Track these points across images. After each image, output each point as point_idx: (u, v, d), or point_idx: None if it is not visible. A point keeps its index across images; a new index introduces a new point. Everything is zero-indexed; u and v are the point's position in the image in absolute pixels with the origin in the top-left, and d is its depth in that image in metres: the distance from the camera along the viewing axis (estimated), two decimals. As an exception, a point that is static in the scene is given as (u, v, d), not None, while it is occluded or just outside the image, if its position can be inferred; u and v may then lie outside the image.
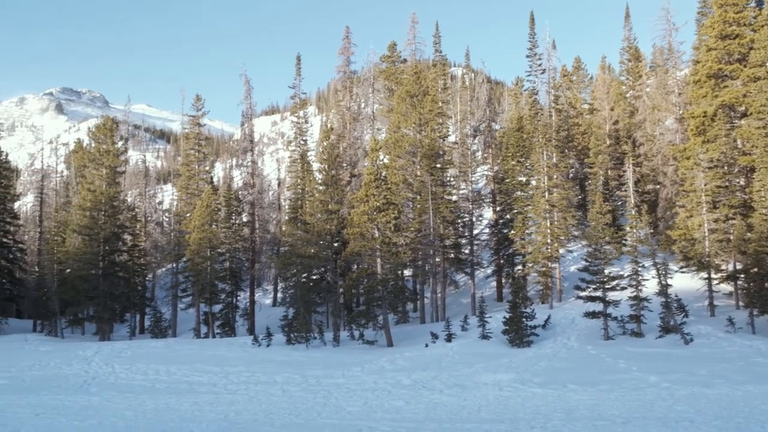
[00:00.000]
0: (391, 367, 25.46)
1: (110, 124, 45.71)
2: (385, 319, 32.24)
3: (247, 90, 48.47)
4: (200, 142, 47.34)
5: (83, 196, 43.73)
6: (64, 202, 57.55)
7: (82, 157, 55.26)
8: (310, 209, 39.24)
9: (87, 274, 41.90)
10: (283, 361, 27.44)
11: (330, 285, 38.70)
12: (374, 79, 51.81)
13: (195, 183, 46.23)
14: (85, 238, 42.77)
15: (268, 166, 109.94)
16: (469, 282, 42.60)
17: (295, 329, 32.90)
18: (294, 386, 22.43)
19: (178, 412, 18.31)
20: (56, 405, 20.18)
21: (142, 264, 49.19)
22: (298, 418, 16.98)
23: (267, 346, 31.61)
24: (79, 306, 43.56)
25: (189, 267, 42.20)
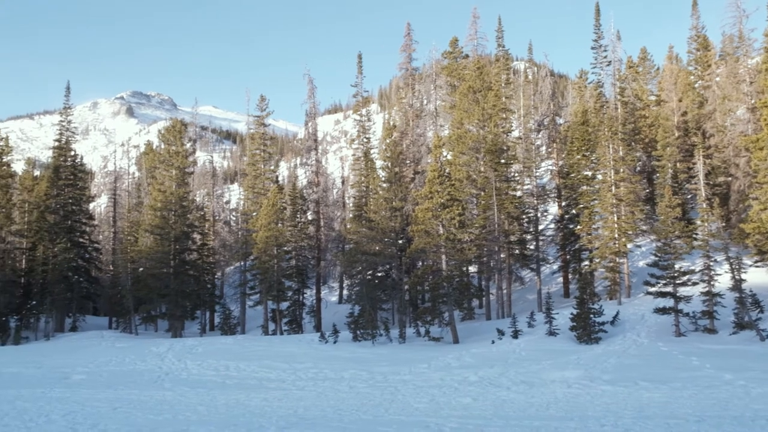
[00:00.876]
0: (457, 363, 25.44)
1: (179, 126, 46.83)
2: (450, 316, 32.22)
3: (310, 89, 49.02)
4: (265, 142, 48.09)
5: (154, 197, 44.95)
6: (136, 203, 59.26)
7: (152, 158, 56.79)
8: (375, 207, 39.45)
9: (159, 273, 43.06)
10: (350, 358, 27.68)
11: (395, 282, 38.86)
12: (436, 75, 51.67)
13: (261, 182, 46.98)
14: (156, 238, 43.97)
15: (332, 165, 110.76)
16: (535, 278, 42.19)
17: (361, 326, 33.16)
18: (361, 383, 22.62)
19: (248, 408, 18.68)
20: (132, 399, 20.83)
21: (211, 262, 50.26)
22: (365, 414, 17.13)
23: (334, 342, 31.94)
24: (151, 303, 44.83)
25: (256, 265, 42.92)
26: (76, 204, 51.24)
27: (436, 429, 14.88)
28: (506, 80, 54.15)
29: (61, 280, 46.10)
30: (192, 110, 61.65)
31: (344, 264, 43.95)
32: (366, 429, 15.20)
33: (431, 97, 52.12)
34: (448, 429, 14.86)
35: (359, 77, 50.61)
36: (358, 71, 50.59)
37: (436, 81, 51.64)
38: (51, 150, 54.52)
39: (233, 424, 16.16)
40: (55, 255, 45.97)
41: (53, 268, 45.88)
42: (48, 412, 18.84)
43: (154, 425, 16.39)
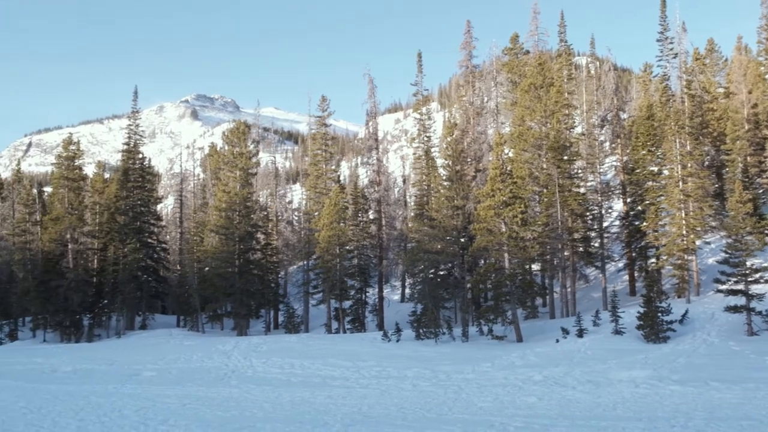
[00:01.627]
0: (521, 362, 25.23)
1: (243, 128, 47.59)
2: (513, 315, 31.96)
3: (370, 89, 49.19)
4: (327, 142, 48.49)
5: (219, 198, 45.79)
6: (201, 204, 60.44)
7: (217, 160, 57.86)
8: (436, 205, 39.40)
9: (224, 272, 43.84)
10: (413, 356, 27.71)
11: (457, 280, 38.74)
12: (497, 72, 51.30)
13: (323, 182, 47.39)
14: (221, 238, 44.78)
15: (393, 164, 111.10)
16: (600, 276, 41.49)
17: (424, 324, 33.15)
18: (424, 381, 22.64)
19: (313, 405, 18.90)
20: (200, 396, 21.32)
21: (274, 262, 50.92)
22: (429, 412, 17.15)
23: (396, 341, 32.01)
24: (217, 302, 45.72)
25: (319, 264, 43.31)
26: (144, 205, 52.57)
27: (501, 428, 14.81)
28: (568, 75, 53.34)
29: (131, 279, 47.38)
30: (254, 112, 62.58)
31: (406, 263, 44.02)
32: (430, 427, 15.23)
33: (492, 95, 51.75)
34: (513, 428, 14.77)
35: (419, 76, 50.59)
36: (418, 70, 50.58)
37: (496, 78, 51.26)
38: (120, 153, 56.08)
39: (298, 422, 16.39)
40: (125, 255, 47.25)
41: (123, 267, 47.18)
42: (120, 407, 19.44)
43: (222, 421, 16.74)
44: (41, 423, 17.35)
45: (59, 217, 48.74)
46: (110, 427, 16.59)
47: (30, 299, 48.76)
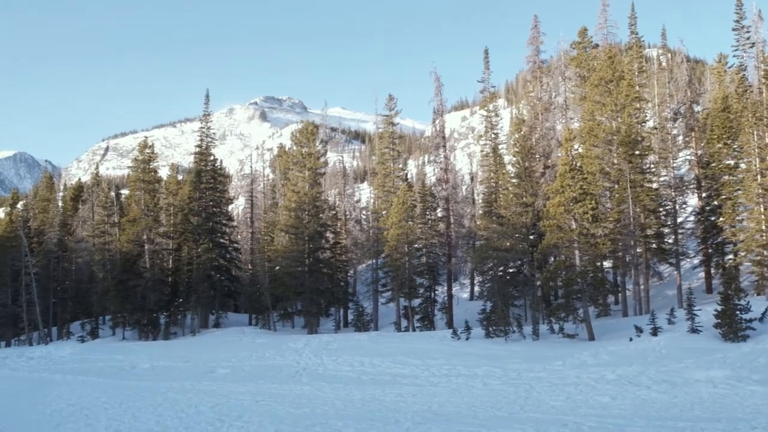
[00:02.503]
0: (593, 361, 24.82)
1: (311, 128, 48.15)
2: (585, 312, 31.47)
3: (437, 87, 49.14)
4: (394, 141, 48.65)
5: (288, 198, 46.47)
6: (271, 204, 61.40)
7: (285, 160, 58.67)
8: (504, 202, 39.11)
9: (294, 271, 44.47)
10: (483, 354, 27.58)
11: (527, 278, 38.38)
12: (565, 67, 50.55)
13: (391, 181, 47.57)
14: (291, 237, 45.43)
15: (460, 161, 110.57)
16: (674, 273, 40.48)
17: (494, 323, 32.95)
18: (495, 379, 22.50)
19: (383, 403, 19.01)
20: (273, 393, 21.67)
21: (343, 260, 51.37)
22: (500, 411, 17.06)
23: (466, 339, 31.92)
24: (288, 301, 46.39)
25: (388, 263, 43.51)
26: (216, 206, 53.70)
27: (575, 428, 14.62)
28: (639, 68, 52.14)
29: (204, 278, 48.48)
30: (322, 112, 63.20)
31: (475, 260, 43.86)
32: (502, 426, 15.14)
33: (560, 90, 51.03)
34: (586, 428, 14.57)
35: (486, 73, 50.29)
36: (485, 67, 50.28)
37: (564, 73, 50.51)
38: (192, 155, 57.42)
39: (369, 419, 16.51)
40: (199, 255, 48.37)
41: (197, 267, 48.30)
42: (197, 403, 19.95)
43: (295, 418, 16.99)
44: (122, 418, 17.95)
45: (136, 219, 50.25)
46: (187, 422, 17.04)
47: (109, 298, 50.47)
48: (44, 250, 59.85)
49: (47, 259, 59.09)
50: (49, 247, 60.22)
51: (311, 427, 15.69)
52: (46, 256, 59.18)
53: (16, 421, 18.20)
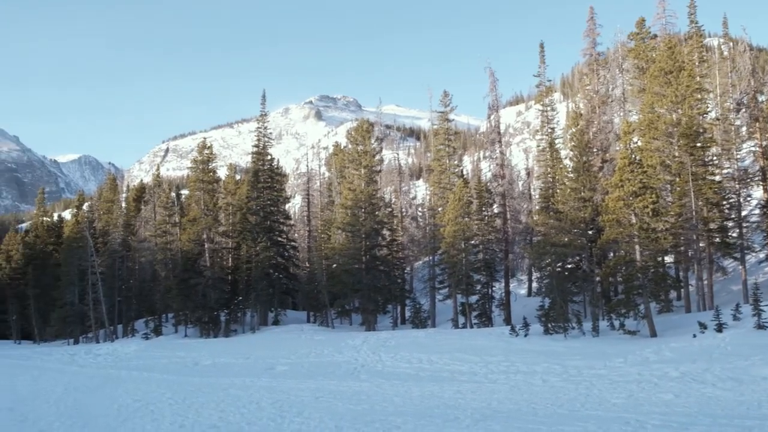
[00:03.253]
0: (655, 358, 24.37)
1: (366, 126, 48.36)
2: (646, 308, 30.90)
3: (492, 82, 48.82)
4: (449, 137, 48.52)
5: (345, 196, 46.76)
6: (327, 202, 61.88)
7: (341, 158, 59.05)
8: (562, 197, 38.66)
9: (351, 268, 44.73)
10: (542, 351, 27.35)
11: (586, 273, 37.87)
12: (622, 58, 49.62)
13: (446, 177, 47.46)
14: (348, 235, 45.71)
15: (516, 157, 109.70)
16: (739, 268, 39.40)
17: (552, 319, 32.63)
18: (554, 376, 22.30)
19: (442, 399, 19.03)
20: (332, 389, 21.89)
21: (400, 257, 51.47)
22: (561, 408, 16.90)
23: (524, 336, 31.69)
24: (345, 298, 46.69)
25: (444, 259, 43.44)
26: (274, 205, 54.32)
27: (637, 425, 14.40)
28: (700, 58, 50.85)
29: (263, 277, 49.12)
30: (376, 110, 63.47)
31: (532, 256, 43.41)
32: (562, 423, 15.00)
33: (617, 82, 50.13)
34: (650, 426, 14.33)
35: (542, 67, 49.67)
36: (541, 61, 49.67)
37: (622, 65, 49.60)
38: (249, 155, 58.20)
39: (429, 416, 16.55)
40: (257, 253, 49.01)
41: (256, 265, 48.95)
42: (258, 399, 20.29)
43: (354, 414, 17.14)
44: (186, 413, 18.37)
45: (196, 219, 51.22)
46: (249, 418, 17.34)
47: (172, 296, 51.58)
48: (109, 250, 61.47)
49: (112, 259, 60.67)
50: (114, 247, 61.82)
51: (371, 424, 15.81)
52: (110, 256, 60.78)
53: (86, 416, 18.78)
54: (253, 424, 16.49)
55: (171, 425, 16.89)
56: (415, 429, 15.08)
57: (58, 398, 22.47)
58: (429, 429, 15.03)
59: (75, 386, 25.87)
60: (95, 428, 17.01)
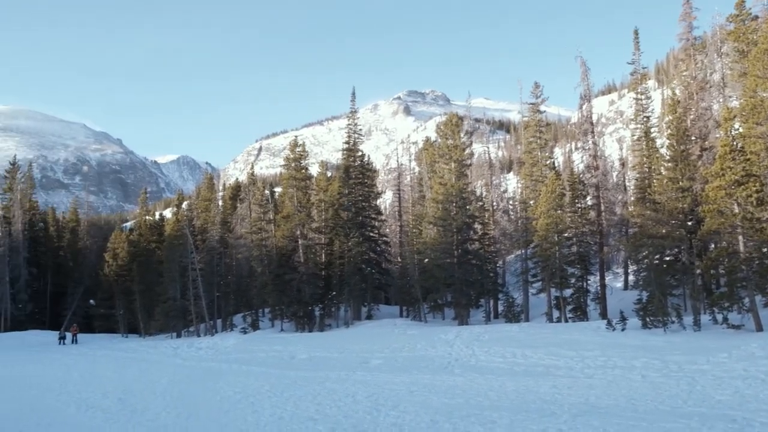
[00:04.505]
0: (762, 353, 23.36)
1: (455, 120, 48.20)
2: (751, 302, 29.67)
3: (583, 71, 47.76)
4: (540, 129, 47.84)
5: (435, 190, 46.78)
6: (418, 197, 62.03)
7: (431, 153, 59.04)
8: (659, 188, 37.53)
9: (443, 263, 44.74)
10: (640, 346, 26.65)
11: (685, 266, 36.65)
12: (721, 42, 47.65)
13: (538, 170, 46.83)
14: (439, 229, 45.72)
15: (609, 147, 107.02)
16: None
17: (651, 313, 31.75)
18: (654, 372, 21.71)
19: (537, 394, 18.83)
20: (426, 383, 21.99)
21: (492, 251, 51.14)
22: (662, 404, 16.47)
23: (621, 330, 30.98)
24: (438, 292, 46.77)
25: (537, 253, 42.90)
26: (365, 201, 54.88)
27: (744, 423, 13.89)
28: (807, 37, 48.32)
29: (356, 272, 49.75)
30: (465, 103, 63.24)
31: (628, 249, 42.33)
32: (664, 420, 14.64)
33: (716, 67, 48.19)
34: (757, 424, 13.81)
35: (636, 53, 48.28)
36: (635, 47, 48.28)
37: (720, 49, 47.65)
38: (340, 152, 58.98)
39: (525, 410, 16.43)
40: (350, 249, 49.67)
41: (348, 261, 49.64)
42: (353, 393, 20.59)
43: (449, 408, 17.19)
44: (284, 406, 18.84)
45: (289, 215, 52.31)
46: (346, 411, 17.64)
47: (267, 292, 52.88)
48: (207, 247, 63.47)
49: (210, 256, 62.63)
50: (212, 244, 63.79)
51: (466, 418, 15.83)
52: (209, 253, 62.75)
53: (191, 406, 19.53)
54: (350, 417, 16.76)
55: (270, 417, 17.35)
56: (511, 424, 15.01)
57: (163, 389, 23.44)
58: (526, 424, 14.93)
59: (179, 378, 26.92)
60: (199, 418, 17.67)
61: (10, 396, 22.54)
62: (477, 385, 21.24)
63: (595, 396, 18.03)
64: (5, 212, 79.37)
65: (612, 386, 19.58)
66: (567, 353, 26.19)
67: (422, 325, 44.36)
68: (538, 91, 47.73)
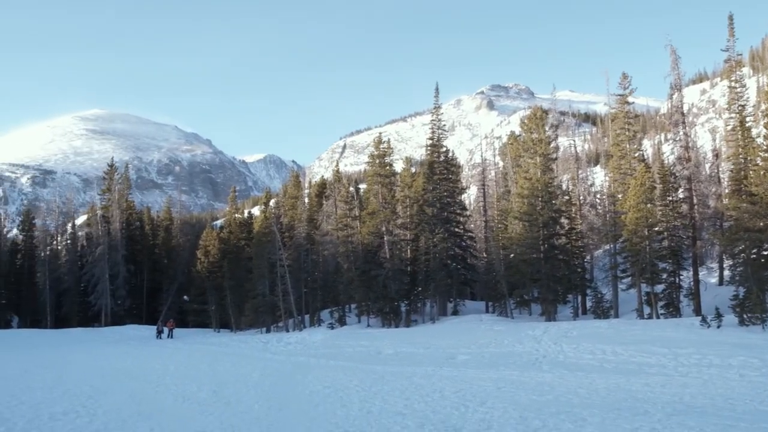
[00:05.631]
0: None
1: (539, 114, 47.58)
2: None
3: (673, 60, 46.32)
4: (629, 121, 46.66)
5: (520, 185, 46.34)
6: (503, 192, 61.53)
7: (515, 147, 58.46)
8: (756, 179, 36.13)
9: (530, 258, 44.30)
10: (737, 344, 25.75)
11: (785, 261, 35.19)
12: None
13: (627, 162, 45.72)
14: (525, 224, 45.27)
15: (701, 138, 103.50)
16: None
17: (748, 309, 30.62)
18: (752, 371, 20.95)
19: (629, 392, 18.47)
20: (513, 380, 21.87)
21: (579, 246, 50.29)
22: (762, 405, 15.91)
23: (717, 327, 29.98)
24: (524, 288, 46.33)
25: (626, 247, 41.92)
26: (450, 196, 54.81)
27: None
28: None
29: (441, 267, 49.77)
30: (549, 96, 62.18)
31: (723, 243, 40.85)
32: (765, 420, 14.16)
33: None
34: None
35: (730, 40, 46.43)
36: (729, 33, 46.45)
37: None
38: (423, 148, 59.18)
39: (616, 408, 16.15)
40: (435, 245, 49.72)
41: (434, 256, 49.69)
42: (441, 388, 20.68)
43: (538, 405, 17.06)
44: (372, 400, 19.07)
45: (374, 212, 52.76)
46: (434, 406, 17.72)
47: (354, 288, 53.49)
48: (294, 244, 64.65)
49: (297, 252, 63.76)
50: (299, 241, 64.94)
51: (556, 415, 15.69)
52: (296, 250, 63.90)
53: (282, 400, 20.01)
54: (438, 413, 16.84)
55: (359, 411, 17.60)
56: (602, 422, 14.79)
57: (255, 383, 24.07)
58: (618, 422, 14.68)
59: (269, 372, 27.57)
60: (290, 411, 18.08)
61: (112, 387, 23.61)
62: (566, 382, 21.00)
63: (690, 395, 17.56)
64: (104, 212, 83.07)
65: (708, 385, 19.02)
66: (659, 351, 25.56)
67: (508, 320, 44.04)
68: (626, 81, 46.53)
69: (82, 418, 17.38)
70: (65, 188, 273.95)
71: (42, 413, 18.04)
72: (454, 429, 14.90)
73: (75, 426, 16.38)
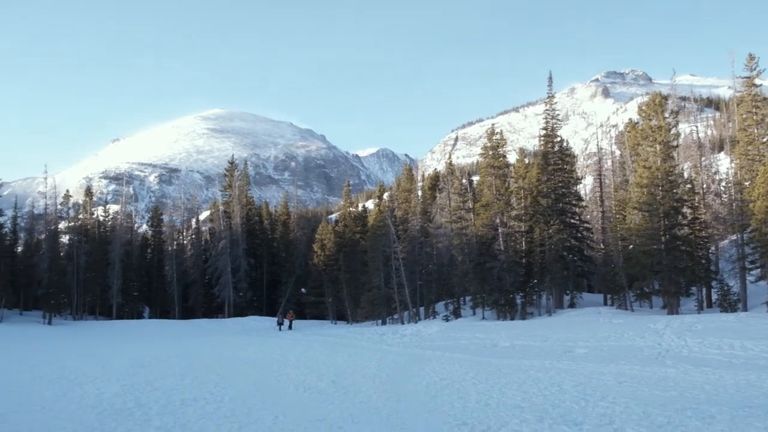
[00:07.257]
0: None
1: (658, 100, 45.91)
2: None
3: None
4: (756, 104, 44.33)
5: (639, 174, 44.88)
6: (621, 181, 59.80)
7: (633, 135, 56.67)
8: None
9: (650, 249, 42.89)
10: None
11: None
12: None
13: (754, 148, 43.51)
14: (644, 215, 43.86)
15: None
16: None
17: None
18: None
19: (761, 389, 17.64)
20: (634, 374, 21.30)
21: (703, 236, 48.25)
22: None
23: None
24: (644, 280, 44.87)
25: (755, 237, 39.91)
26: (565, 187, 53.83)
27: None
28: None
29: (557, 259, 48.97)
30: (669, 82, 59.94)
31: None
32: None
33: None
34: None
35: None
36: None
37: None
38: (536, 138, 58.25)
39: (747, 406, 15.47)
40: (551, 236, 48.97)
41: (549, 248, 48.96)
42: (559, 382, 20.41)
43: (662, 401, 16.58)
44: (490, 393, 19.06)
45: (488, 204, 52.45)
46: (552, 400, 17.53)
47: (468, 280, 53.40)
48: (408, 237, 65.17)
49: (412, 245, 64.25)
50: (413, 234, 65.41)
51: (681, 411, 15.21)
52: (410, 242, 64.39)
53: (399, 390, 20.30)
54: (557, 407, 16.65)
55: (477, 403, 17.64)
56: (732, 419, 14.22)
57: (372, 374, 24.51)
58: (749, 420, 14.07)
59: (386, 363, 27.99)
60: (408, 402, 18.33)
61: (237, 376, 24.64)
62: (691, 377, 20.27)
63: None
64: (226, 207, 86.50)
65: None
66: (795, 346, 24.25)
67: (628, 313, 42.85)
68: (752, 63, 44.21)
69: (210, 404, 18.26)
70: (189, 185, 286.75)
71: (174, 399, 19.10)
72: (574, 423, 14.69)
73: (204, 412, 17.24)
